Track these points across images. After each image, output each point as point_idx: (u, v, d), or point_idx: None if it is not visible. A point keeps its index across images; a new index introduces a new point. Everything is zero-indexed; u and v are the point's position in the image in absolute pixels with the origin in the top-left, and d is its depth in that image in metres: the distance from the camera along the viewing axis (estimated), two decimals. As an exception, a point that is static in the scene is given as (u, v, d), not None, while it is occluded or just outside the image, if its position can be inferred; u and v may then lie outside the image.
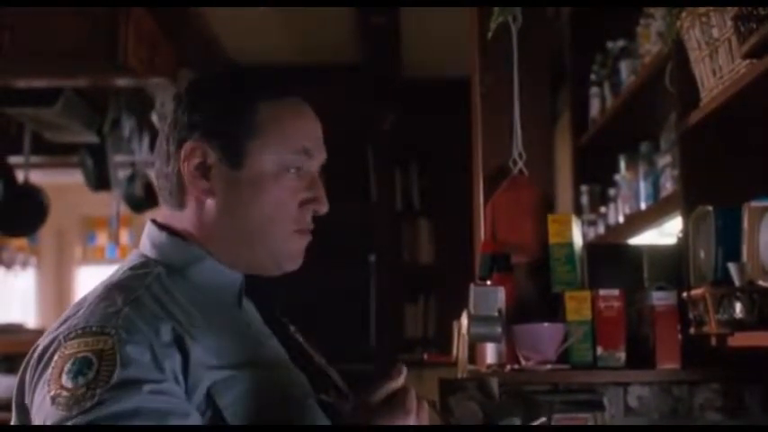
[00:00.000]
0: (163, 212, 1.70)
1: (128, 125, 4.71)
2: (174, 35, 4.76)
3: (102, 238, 11.02)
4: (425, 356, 5.67)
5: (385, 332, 5.88)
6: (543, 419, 2.13)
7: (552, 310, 2.64)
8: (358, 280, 5.89)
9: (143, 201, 5.14)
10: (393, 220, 6.13)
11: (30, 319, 9.77)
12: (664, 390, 2.53)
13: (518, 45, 2.80)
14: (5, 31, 4.09)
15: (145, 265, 1.63)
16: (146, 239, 1.70)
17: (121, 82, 4.35)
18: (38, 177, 5.40)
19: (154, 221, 1.71)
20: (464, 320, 2.31)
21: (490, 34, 2.65)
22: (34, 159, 5.23)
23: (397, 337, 6.05)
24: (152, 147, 4.86)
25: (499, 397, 1.98)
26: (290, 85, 1.80)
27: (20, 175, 5.31)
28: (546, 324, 2.56)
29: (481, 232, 2.85)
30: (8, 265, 10.32)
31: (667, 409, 2.52)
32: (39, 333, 6.09)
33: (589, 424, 2.46)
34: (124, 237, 9.56)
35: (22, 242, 10.15)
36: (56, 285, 11.08)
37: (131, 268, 1.64)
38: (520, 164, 2.80)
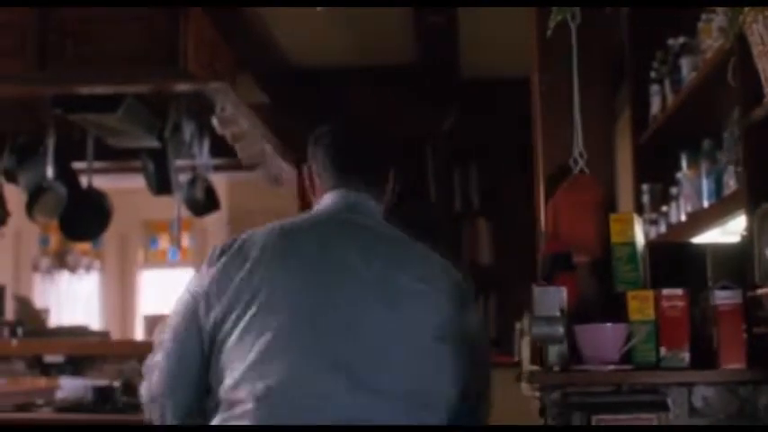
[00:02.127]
0: None
1: (188, 129, 4.76)
2: (233, 39, 4.80)
3: (163, 242, 11.15)
4: (487, 357, 5.66)
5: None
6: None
7: (615, 310, 2.61)
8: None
9: (204, 204, 5.18)
10: (452, 220, 6.12)
11: (93, 322, 9.91)
12: (729, 390, 2.49)
13: (577, 43, 2.78)
14: (68, 38, 4.16)
15: None
16: None
17: (182, 87, 4.40)
18: (100, 182, 5.48)
19: None
20: (526, 321, 2.30)
21: (549, 33, 2.64)
22: (97, 164, 5.31)
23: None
24: (212, 151, 4.93)
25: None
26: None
27: (83, 181, 5.38)
28: (609, 324, 2.53)
29: (542, 232, 2.83)
30: (73, 268, 10.47)
31: (733, 410, 2.49)
32: (103, 335, 6.19)
33: (653, 425, 2.43)
34: (185, 240, 9.67)
35: (85, 246, 10.30)
36: (119, 288, 11.23)
37: None
38: (581, 163, 2.79)
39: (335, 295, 1.95)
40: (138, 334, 10.17)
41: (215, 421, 1.91)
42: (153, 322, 9.57)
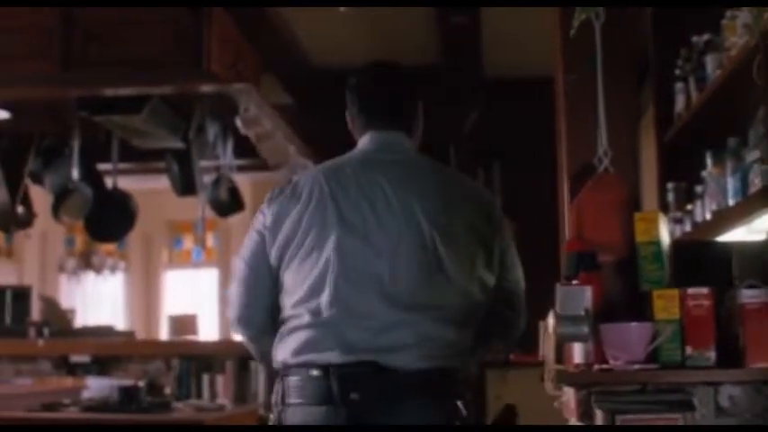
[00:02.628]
0: None
1: (212, 130, 4.78)
2: (257, 41, 4.82)
3: (188, 242, 11.19)
4: (512, 356, 5.66)
5: (469, 332, 5.86)
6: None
7: (640, 309, 2.61)
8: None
9: (228, 205, 5.20)
10: (476, 220, 6.11)
11: (118, 322, 9.96)
12: (756, 389, 2.48)
13: (601, 42, 2.77)
14: (93, 40, 4.18)
15: None
16: None
17: (206, 88, 4.42)
18: (125, 183, 5.50)
19: None
20: (550, 320, 2.30)
21: (573, 32, 2.63)
22: (122, 166, 5.33)
23: (481, 337, 6.02)
24: (236, 151, 4.95)
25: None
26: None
27: (108, 182, 5.41)
28: (634, 323, 2.53)
29: (566, 231, 2.83)
30: (98, 269, 10.53)
31: (760, 409, 2.48)
32: (128, 335, 6.22)
33: (679, 425, 2.42)
34: (209, 240, 9.69)
35: (110, 247, 10.35)
36: (143, 289, 11.28)
37: None
38: (605, 162, 2.78)
39: (371, 227, 2.25)
40: (163, 334, 10.22)
41: (281, 331, 2.30)
42: (178, 322, 9.63)
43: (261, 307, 2.37)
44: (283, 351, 2.29)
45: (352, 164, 2.40)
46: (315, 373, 2.19)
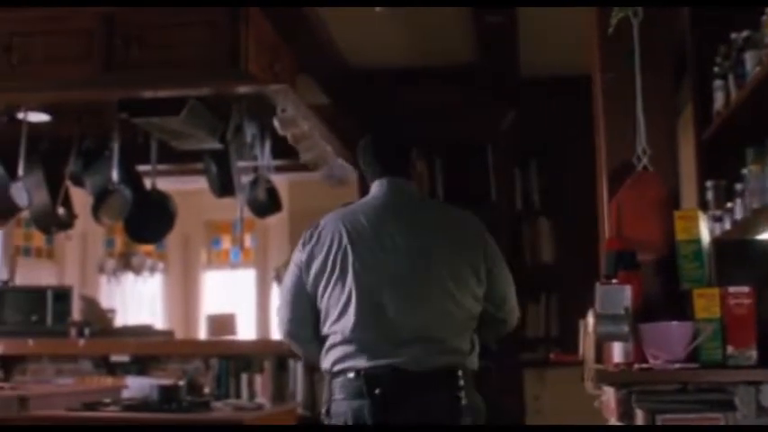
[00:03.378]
0: None
1: (250, 131, 4.79)
2: (293, 42, 4.84)
3: (226, 243, 11.25)
4: (552, 356, 5.64)
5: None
6: None
7: (680, 308, 2.59)
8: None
9: (266, 205, 5.21)
10: (513, 219, 6.10)
11: (157, 323, 10.03)
12: (798, 389, 2.46)
13: (639, 39, 2.76)
14: (133, 43, 4.22)
15: None
16: None
17: (243, 89, 4.44)
18: (164, 184, 5.53)
19: None
20: (590, 319, 2.30)
21: (611, 30, 2.63)
22: (161, 167, 5.36)
23: (520, 336, 6.01)
24: (273, 151, 4.97)
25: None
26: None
27: (147, 183, 5.45)
28: (674, 322, 2.52)
29: (605, 230, 2.82)
30: (137, 270, 10.60)
31: (802, 409, 2.46)
32: (167, 334, 6.25)
33: (720, 424, 2.41)
34: (247, 240, 9.73)
35: (149, 248, 10.42)
36: (182, 289, 11.35)
37: None
38: (644, 160, 2.77)
39: (382, 264, 2.88)
40: (201, 334, 10.28)
41: (325, 346, 2.92)
42: (216, 322, 9.68)
43: (304, 324, 3.01)
44: (327, 362, 2.92)
45: (366, 211, 3.00)
46: (350, 375, 2.83)
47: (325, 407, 2.92)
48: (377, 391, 2.77)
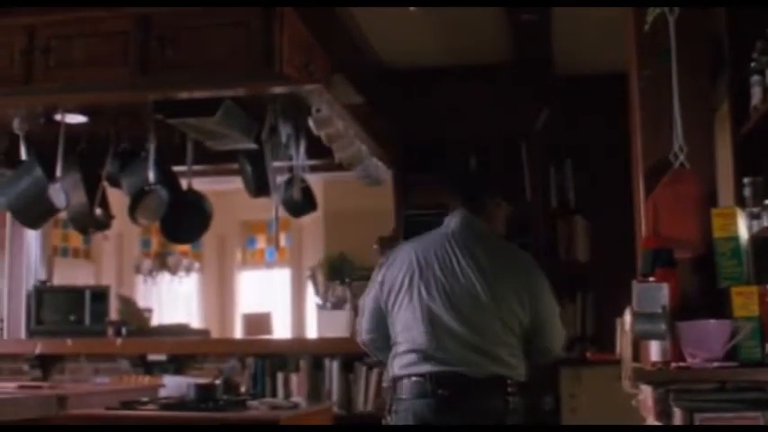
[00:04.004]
0: None
1: (285, 131, 4.79)
2: (327, 41, 4.85)
3: (261, 242, 11.30)
4: (588, 354, 5.61)
5: (542, 331, 5.83)
6: None
7: (718, 306, 2.58)
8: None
9: (301, 205, 5.21)
10: (548, 218, 6.08)
11: (193, 322, 10.10)
12: (840, 387, 2.44)
13: (675, 36, 2.74)
14: (168, 45, 4.25)
15: None
16: None
17: (278, 90, 4.45)
18: (199, 185, 5.55)
19: None
20: (627, 318, 2.29)
21: (647, 27, 2.61)
22: (196, 167, 5.38)
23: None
24: (307, 151, 4.98)
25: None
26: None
27: (183, 183, 5.47)
28: (712, 321, 2.50)
29: (642, 228, 2.81)
30: (173, 270, 10.67)
31: (844, 408, 2.43)
32: (204, 333, 6.27)
33: (759, 424, 2.39)
34: (282, 240, 9.77)
35: (185, 248, 10.50)
36: (217, 288, 11.42)
37: None
38: (681, 157, 2.76)
39: (446, 284, 3.37)
40: (237, 333, 10.33)
41: (392, 354, 3.44)
42: (251, 321, 9.73)
43: (379, 335, 3.56)
44: (394, 368, 3.41)
45: (435, 239, 3.49)
46: (414, 379, 3.29)
47: (389, 406, 3.40)
48: (440, 392, 3.23)
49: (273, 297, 10.74)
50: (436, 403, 3.23)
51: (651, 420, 2.66)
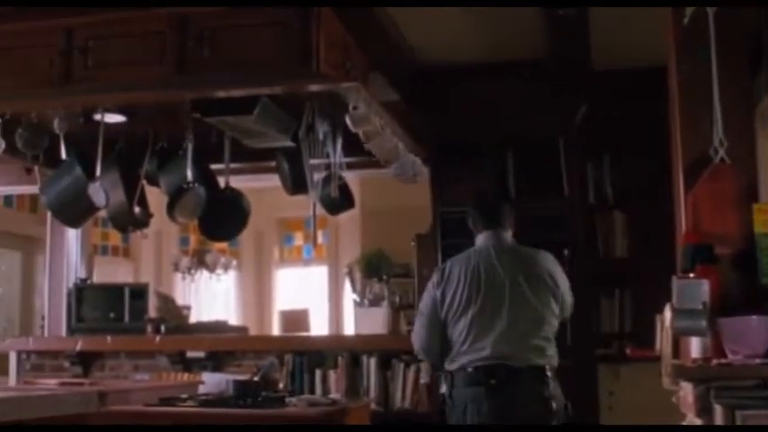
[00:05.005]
0: None
1: (322, 129, 4.81)
2: (364, 39, 4.85)
3: (298, 240, 11.34)
4: (628, 351, 5.58)
5: (581, 327, 5.80)
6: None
7: (759, 302, 2.56)
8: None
9: (338, 202, 5.23)
10: (586, 213, 6.04)
11: (231, 319, 10.16)
12: None
13: (715, 29, 2.72)
14: (205, 44, 4.27)
15: None
16: None
17: (315, 88, 4.46)
18: (237, 183, 5.58)
19: None
20: (667, 314, 2.27)
21: (686, 20, 2.59)
22: (234, 165, 5.41)
23: (594, 332, 5.97)
24: (344, 148, 4.99)
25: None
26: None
27: (221, 181, 5.50)
28: (753, 317, 2.48)
29: (681, 223, 2.78)
30: (211, 267, 10.72)
31: None
32: (242, 330, 6.30)
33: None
34: (320, 237, 9.79)
35: (223, 245, 10.56)
36: (255, 286, 11.47)
37: None
38: (721, 152, 2.73)
39: (493, 291, 4.04)
40: (275, 330, 10.37)
41: (451, 356, 4.07)
42: (289, 318, 9.76)
43: (435, 344, 4.15)
44: (454, 363, 4.05)
45: (478, 255, 4.16)
46: (470, 370, 3.96)
47: (447, 393, 4.04)
48: (492, 381, 3.89)
49: (311, 294, 10.78)
50: (488, 390, 3.88)
51: (691, 417, 2.64)
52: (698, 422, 2.61)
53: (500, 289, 4.05)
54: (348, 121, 4.61)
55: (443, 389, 4.13)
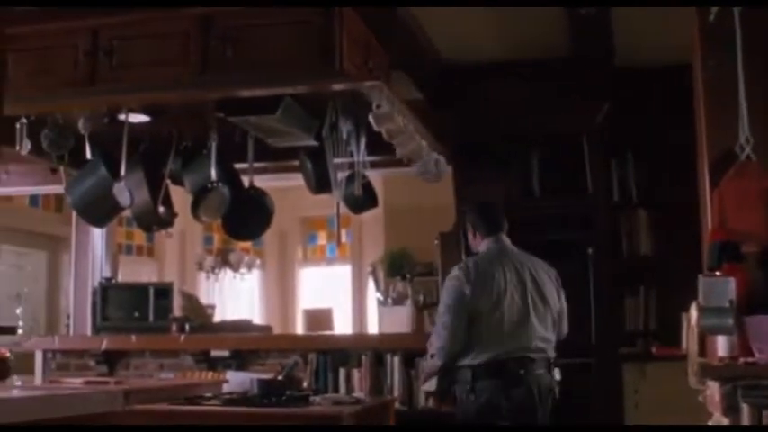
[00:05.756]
0: None
1: (345, 128, 4.80)
2: (386, 38, 4.85)
3: (322, 239, 11.35)
4: (654, 349, 5.55)
5: (605, 326, 5.79)
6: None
7: (787, 300, 2.53)
8: (576, 273, 5.82)
9: (362, 201, 5.23)
10: (610, 211, 6.02)
11: (255, 318, 10.18)
12: None
13: (741, 26, 2.70)
14: (228, 44, 4.28)
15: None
16: None
17: (338, 87, 4.46)
18: (260, 182, 5.59)
19: None
20: (693, 312, 2.26)
21: (712, 17, 2.57)
22: (257, 165, 5.42)
23: (618, 330, 5.95)
24: (369, 148, 4.99)
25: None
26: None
27: (245, 181, 5.51)
28: (781, 315, 2.46)
29: (707, 221, 2.77)
30: (235, 266, 10.75)
31: None
32: (266, 328, 6.29)
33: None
34: (343, 236, 9.79)
35: (247, 244, 10.57)
36: (279, 285, 11.49)
37: None
38: (747, 149, 2.71)
39: (509, 291, 4.35)
40: (299, 328, 10.40)
41: (475, 350, 4.28)
42: (313, 317, 9.78)
43: (457, 341, 4.32)
44: (478, 358, 4.29)
45: (491, 260, 4.44)
46: (499, 362, 4.25)
47: (469, 386, 4.28)
48: (520, 371, 4.26)
49: (334, 293, 10.79)
50: (508, 380, 4.24)
51: (718, 416, 2.63)
52: (724, 421, 2.60)
53: (522, 288, 4.38)
54: (371, 119, 4.60)
55: (458, 384, 4.35)
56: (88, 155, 5.15)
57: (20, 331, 5.83)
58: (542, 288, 4.45)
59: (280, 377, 4.81)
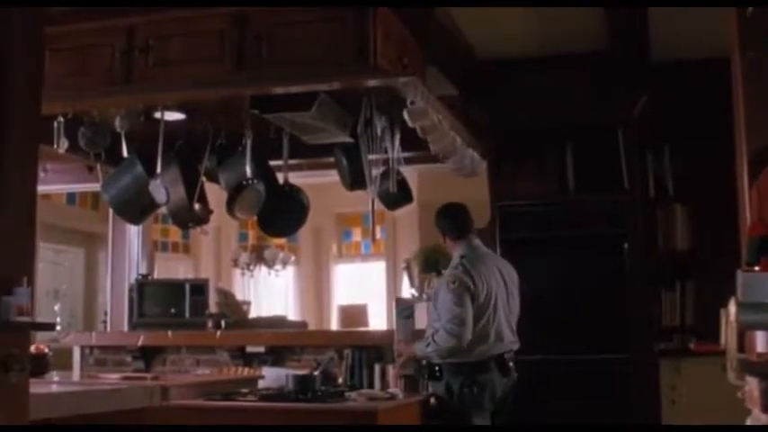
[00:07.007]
0: None
1: (380, 124, 4.80)
2: (421, 34, 4.85)
3: (356, 235, 11.36)
4: (692, 345, 5.51)
5: (641, 321, 5.76)
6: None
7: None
8: (612, 268, 5.79)
9: (397, 197, 5.22)
10: (646, 206, 5.98)
11: (290, 315, 10.19)
12: None
13: (779, 18, 2.67)
14: (263, 42, 4.30)
15: None
16: None
17: (372, 83, 4.46)
18: (295, 178, 5.60)
19: None
20: (732, 308, 2.24)
21: (750, 12, 2.55)
22: (292, 161, 5.42)
23: (654, 325, 5.92)
24: (403, 144, 4.98)
25: None
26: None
27: (280, 177, 5.52)
28: (821, 310, 2.43)
29: (746, 216, 2.74)
30: (270, 263, 10.77)
31: None
32: (301, 325, 6.31)
33: None
34: (378, 233, 9.79)
35: (281, 241, 10.59)
36: (314, 281, 11.51)
37: None
38: (786, 143, 2.68)
39: (501, 295, 4.77)
40: (333, 324, 10.41)
41: (472, 341, 4.63)
42: (347, 313, 9.79)
43: (470, 330, 4.62)
44: (474, 355, 4.65)
45: (479, 258, 4.83)
46: (496, 358, 4.69)
47: (470, 380, 4.62)
48: (510, 364, 4.75)
49: (369, 289, 10.79)
50: (502, 373, 4.69)
51: (757, 413, 2.61)
52: (763, 418, 2.58)
53: (504, 288, 4.81)
54: (406, 115, 4.59)
55: (456, 379, 4.66)
56: (124, 153, 5.18)
57: (58, 327, 5.87)
58: (514, 289, 4.89)
59: (315, 373, 4.83)
